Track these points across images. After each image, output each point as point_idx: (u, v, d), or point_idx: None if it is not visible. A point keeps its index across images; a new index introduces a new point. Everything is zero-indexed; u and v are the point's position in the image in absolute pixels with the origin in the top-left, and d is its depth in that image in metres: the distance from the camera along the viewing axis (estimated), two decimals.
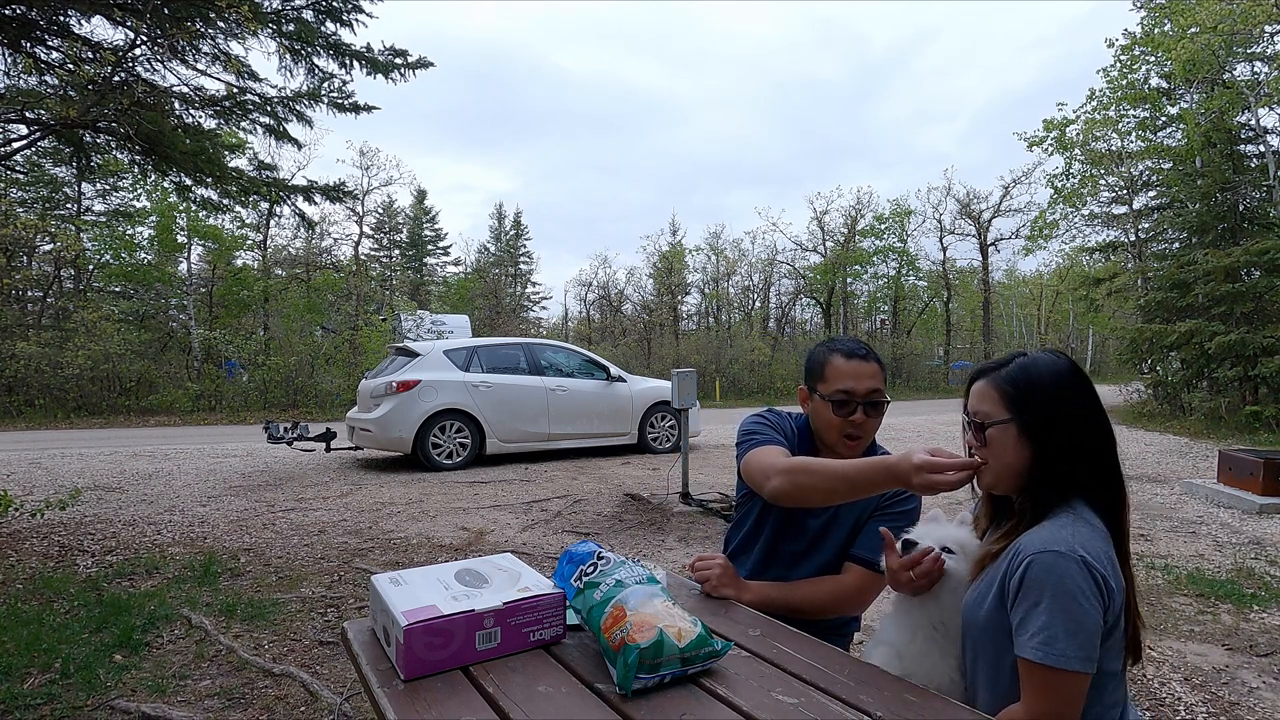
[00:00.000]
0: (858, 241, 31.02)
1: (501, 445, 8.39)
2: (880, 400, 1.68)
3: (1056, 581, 1.07)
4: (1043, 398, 1.21)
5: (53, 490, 6.62)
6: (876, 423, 1.69)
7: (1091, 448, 1.21)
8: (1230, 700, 2.62)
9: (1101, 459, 1.21)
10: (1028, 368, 1.24)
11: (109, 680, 2.69)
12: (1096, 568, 1.08)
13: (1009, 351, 1.32)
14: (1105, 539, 1.15)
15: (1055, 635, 1.06)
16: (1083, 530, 1.13)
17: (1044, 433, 1.20)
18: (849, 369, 1.67)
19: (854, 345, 1.72)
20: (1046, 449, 1.20)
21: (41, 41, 5.60)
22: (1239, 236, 13.19)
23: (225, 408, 17.19)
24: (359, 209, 27.73)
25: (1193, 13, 12.46)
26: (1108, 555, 1.12)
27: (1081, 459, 1.20)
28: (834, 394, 1.66)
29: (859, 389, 1.65)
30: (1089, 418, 1.22)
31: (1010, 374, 1.25)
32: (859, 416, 1.66)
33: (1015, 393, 1.23)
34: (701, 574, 1.58)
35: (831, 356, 1.70)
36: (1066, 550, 1.09)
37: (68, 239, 17.89)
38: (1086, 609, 1.06)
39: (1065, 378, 1.23)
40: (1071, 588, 1.07)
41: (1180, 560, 4.38)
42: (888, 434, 11.50)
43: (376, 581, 1.27)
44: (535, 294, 43.34)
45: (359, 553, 4.56)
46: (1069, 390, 1.22)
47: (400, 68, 6.82)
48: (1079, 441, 1.20)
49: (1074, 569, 1.07)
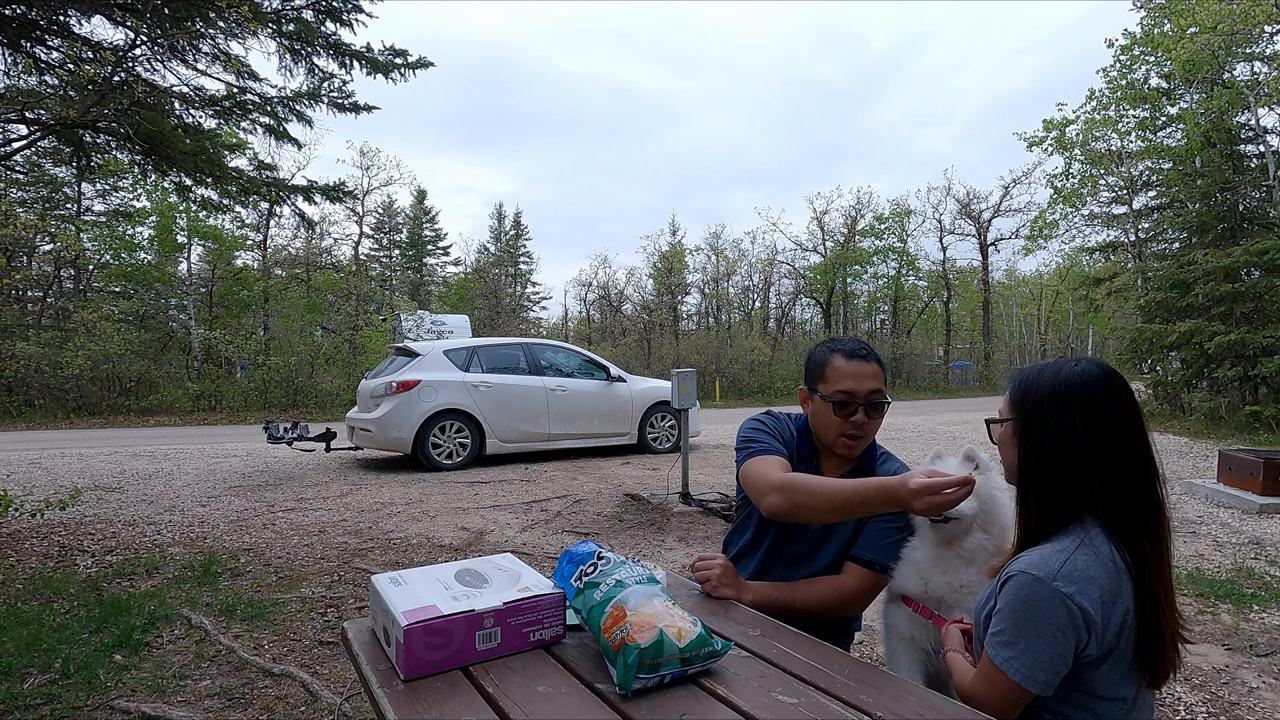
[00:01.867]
0: (858, 241, 31.05)
1: (501, 445, 8.39)
2: (881, 401, 1.67)
3: (1022, 603, 1.10)
4: (1035, 404, 1.22)
5: (53, 490, 6.62)
6: (877, 423, 1.69)
7: (1079, 455, 1.17)
8: (1230, 700, 2.62)
9: (1114, 479, 1.16)
10: (1040, 373, 1.25)
11: (109, 680, 2.69)
12: (1076, 600, 1.07)
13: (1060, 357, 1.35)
14: (1110, 568, 1.10)
15: (1011, 640, 1.11)
16: (1081, 558, 1.10)
17: (1029, 437, 1.22)
18: (850, 369, 1.66)
19: (855, 345, 1.71)
20: (1030, 450, 1.22)
21: (41, 41, 5.60)
22: (1239, 236, 13.19)
23: (225, 408, 17.20)
24: (359, 209, 27.78)
25: (1192, 13, 12.47)
26: (1103, 586, 1.09)
27: (1071, 466, 1.17)
28: (835, 394, 1.66)
29: (860, 390, 1.65)
30: (1086, 427, 1.17)
31: (1023, 376, 1.27)
32: (860, 417, 1.66)
33: (1018, 395, 1.26)
34: (702, 574, 1.58)
35: (832, 357, 1.70)
36: (1046, 577, 1.09)
37: (68, 239, 17.92)
38: (1045, 636, 1.08)
39: (1069, 389, 1.19)
40: (1036, 615, 1.09)
41: (1180, 560, 4.38)
42: (888, 434, 11.50)
43: (376, 581, 1.27)
44: (535, 294, 43.40)
45: (359, 553, 4.56)
46: (1066, 401, 1.19)
47: (400, 68, 6.82)
48: (1061, 448, 1.18)
49: (1046, 597, 1.08)
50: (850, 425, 1.66)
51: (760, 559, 1.78)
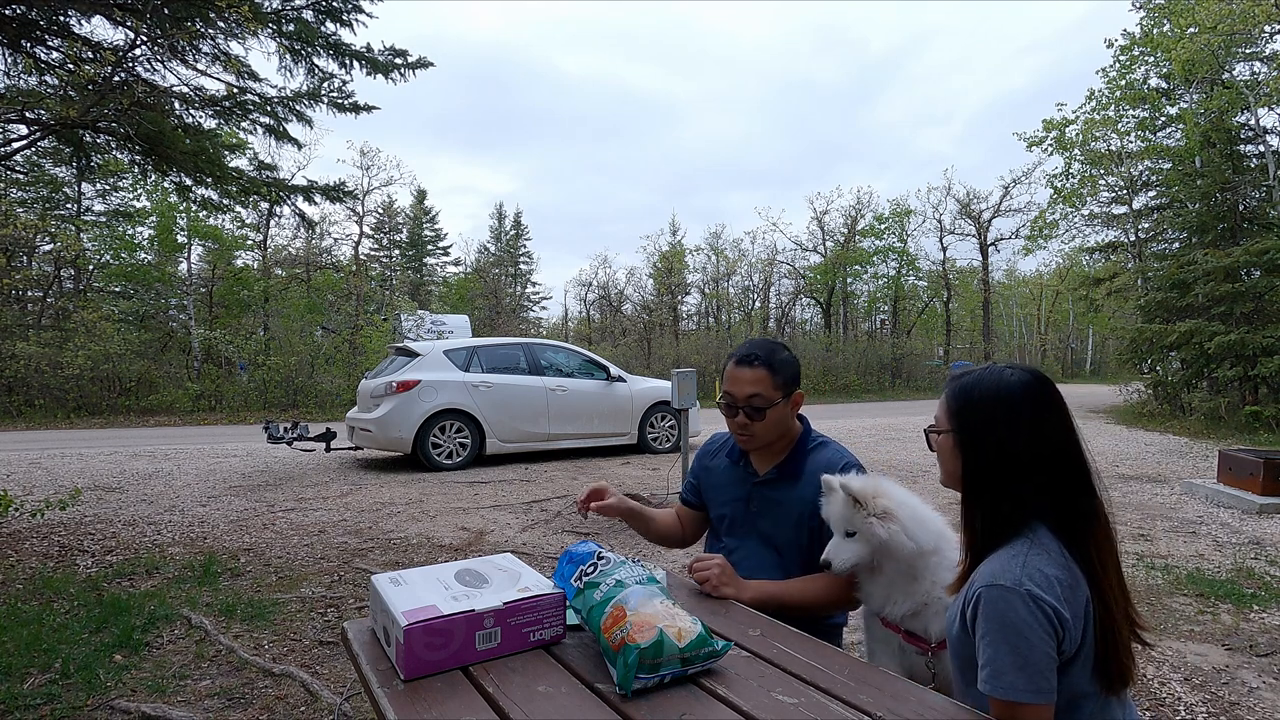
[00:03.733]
0: (858, 241, 31.03)
1: (501, 445, 8.39)
2: (761, 406, 1.72)
3: (999, 616, 1.09)
4: (976, 414, 1.22)
5: (53, 490, 6.62)
6: (763, 425, 1.75)
7: (1025, 466, 1.17)
8: (1230, 700, 2.62)
9: (1057, 485, 1.18)
10: (977, 383, 1.24)
11: (109, 680, 2.69)
12: (1045, 600, 1.07)
13: (987, 363, 1.33)
14: (1062, 564, 1.12)
15: (1002, 669, 1.08)
16: (1035, 559, 1.11)
17: (972, 448, 1.22)
18: (731, 374, 1.78)
19: (745, 351, 1.79)
20: (973, 462, 1.22)
21: (41, 41, 5.60)
22: (1239, 236, 13.19)
23: (225, 408, 17.19)
24: (359, 209, 27.76)
25: (1192, 13, 12.47)
26: (1062, 582, 1.09)
27: (1016, 476, 1.17)
28: (721, 397, 1.79)
29: (738, 394, 1.74)
30: (1029, 438, 1.18)
31: (959, 386, 1.27)
32: (741, 419, 1.76)
33: (957, 405, 1.25)
34: (701, 574, 1.58)
35: (728, 362, 1.81)
36: (1012, 584, 1.09)
37: (68, 239, 17.92)
38: (1034, 642, 1.07)
39: (1010, 398, 1.20)
40: (1015, 621, 1.08)
41: (1180, 560, 4.38)
42: (888, 433, 11.51)
43: (376, 581, 1.27)
44: (535, 294, 43.40)
45: (359, 553, 4.57)
46: (1008, 411, 1.19)
47: (400, 68, 6.82)
48: (1006, 459, 1.18)
49: (1018, 603, 1.08)
50: (735, 425, 1.78)
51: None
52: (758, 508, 1.81)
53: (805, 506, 1.72)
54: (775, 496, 1.78)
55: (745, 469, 1.85)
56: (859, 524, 1.41)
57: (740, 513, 1.84)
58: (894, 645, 1.49)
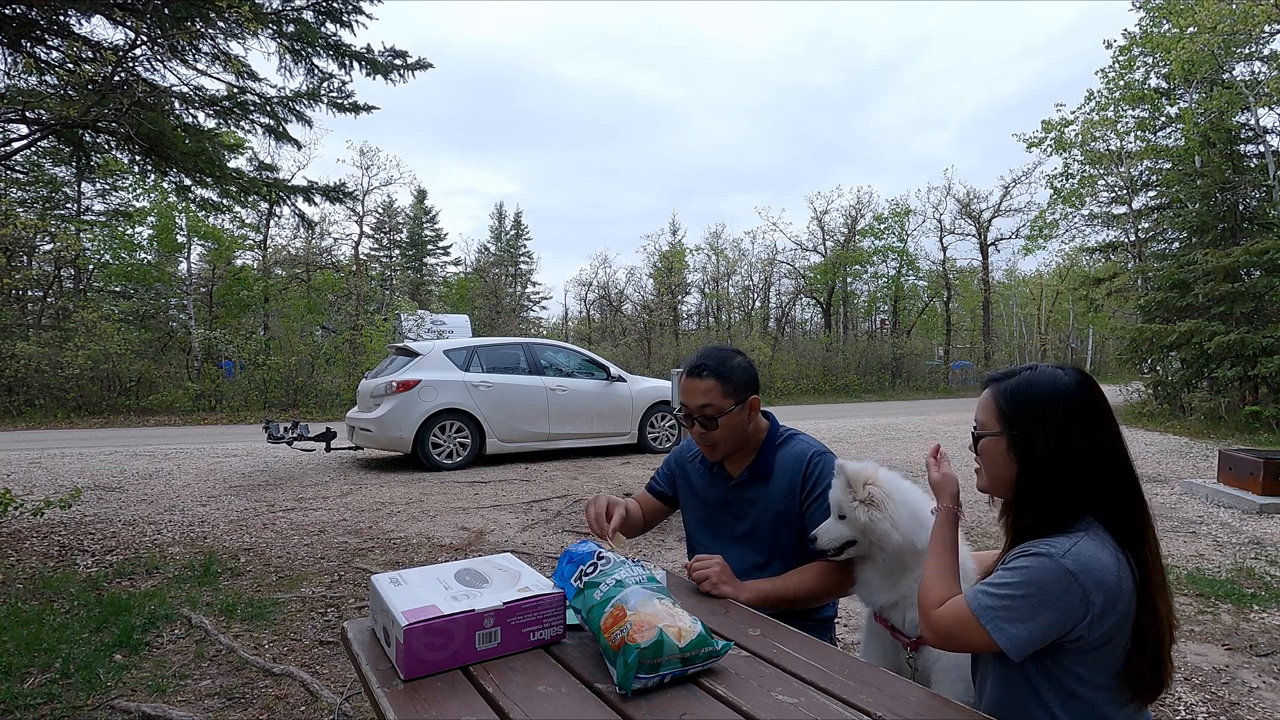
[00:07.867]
0: (858, 241, 31.01)
1: (501, 445, 8.39)
2: (713, 415, 1.73)
3: (1029, 574, 1.10)
4: (1033, 416, 1.20)
5: (53, 490, 6.62)
6: (718, 434, 1.75)
7: (1084, 468, 1.17)
8: (1230, 700, 2.62)
9: (1111, 487, 1.17)
10: (1028, 384, 1.22)
11: (109, 680, 2.69)
12: (1083, 578, 1.07)
13: (1022, 363, 1.31)
14: (1114, 561, 1.11)
15: (1005, 605, 1.10)
16: (1088, 544, 1.10)
17: (1029, 450, 1.20)
18: (684, 385, 1.80)
19: (695, 362, 1.79)
20: (1032, 466, 1.20)
21: (41, 41, 5.60)
22: (1239, 236, 13.19)
23: (225, 408, 17.18)
24: (359, 209, 27.70)
25: (1192, 13, 12.46)
26: (1112, 572, 1.09)
27: (1076, 479, 1.16)
28: (679, 408, 1.85)
29: (691, 404, 1.76)
30: (1087, 439, 1.17)
31: (1009, 388, 1.24)
32: (697, 429, 1.77)
33: (1009, 408, 1.23)
34: (700, 573, 1.59)
35: (683, 375, 1.82)
36: (1058, 554, 1.09)
37: (68, 239, 17.88)
38: (1045, 607, 1.07)
39: (1068, 398, 1.19)
40: (1043, 581, 1.08)
41: (1180, 560, 4.38)
42: (888, 433, 11.51)
43: (376, 581, 1.27)
44: (535, 294, 43.37)
45: (359, 553, 4.56)
46: (1064, 410, 1.18)
47: (400, 69, 6.82)
48: (1066, 462, 1.17)
49: (1052, 570, 1.08)
50: (695, 435, 1.80)
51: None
52: (736, 510, 1.82)
53: (779, 503, 1.73)
54: (750, 497, 1.79)
55: (720, 473, 1.87)
56: (847, 507, 1.44)
57: (719, 516, 1.86)
58: (885, 639, 1.51)
